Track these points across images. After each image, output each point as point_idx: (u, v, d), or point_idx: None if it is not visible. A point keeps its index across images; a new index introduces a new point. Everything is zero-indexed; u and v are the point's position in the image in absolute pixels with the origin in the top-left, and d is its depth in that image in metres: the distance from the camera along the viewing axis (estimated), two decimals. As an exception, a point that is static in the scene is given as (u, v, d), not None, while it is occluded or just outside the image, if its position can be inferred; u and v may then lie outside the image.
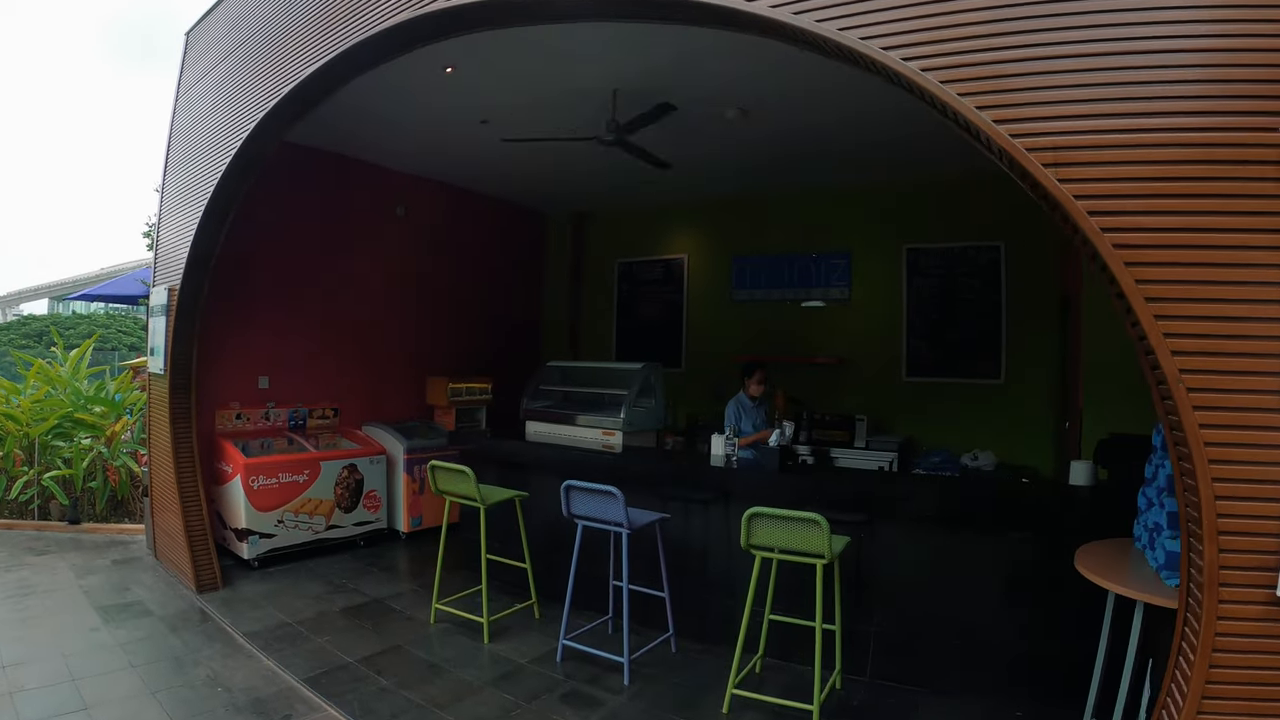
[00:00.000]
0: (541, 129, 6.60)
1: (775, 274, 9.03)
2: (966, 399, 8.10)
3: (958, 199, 8.16)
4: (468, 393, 8.61)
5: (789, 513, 4.02)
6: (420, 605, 5.97)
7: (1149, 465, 3.71)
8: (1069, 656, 4.18)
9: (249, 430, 7.17)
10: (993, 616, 4.55)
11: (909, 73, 2.92)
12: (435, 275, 8.87)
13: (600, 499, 4.79)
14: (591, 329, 10.30)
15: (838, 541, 4.10)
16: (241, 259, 6.78)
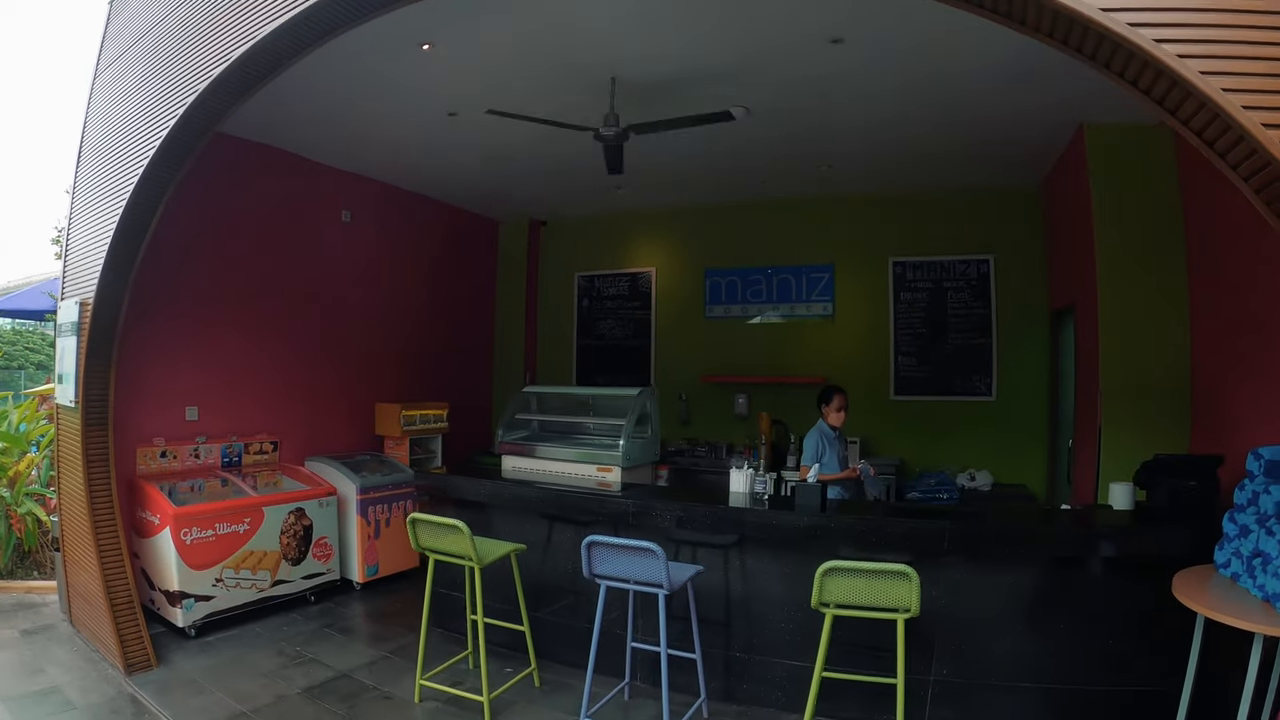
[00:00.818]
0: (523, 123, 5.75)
1: (752, 288, 8.40)
2: (957, 418, 7.70)
3: (945, 210, 7.79)
4: (422, 420, 7.58)
5: (875, 565, 3.50)
6: (397, 679, 4.97)
7: (1239, 490, 3.49)
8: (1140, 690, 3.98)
9: (176, 470, 5.97)
10: (1063, 653, 4.12)
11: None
12: (383, 289, 7.81)
13: (634, 558, 3.94)
14: (549, 348, 9.41)
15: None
16: (166, 269, 5.63)
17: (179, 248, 5.78)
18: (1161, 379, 5.66)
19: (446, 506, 5.67)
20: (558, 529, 5.27)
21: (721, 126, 5.41)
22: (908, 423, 7.80)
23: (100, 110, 5.65)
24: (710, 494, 6.11)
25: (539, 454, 6.13)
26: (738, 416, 8.28)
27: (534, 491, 5.38)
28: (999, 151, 6.67)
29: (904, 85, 5.43)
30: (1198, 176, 5.38)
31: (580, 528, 5.08)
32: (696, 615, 4.33)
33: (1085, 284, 6.22)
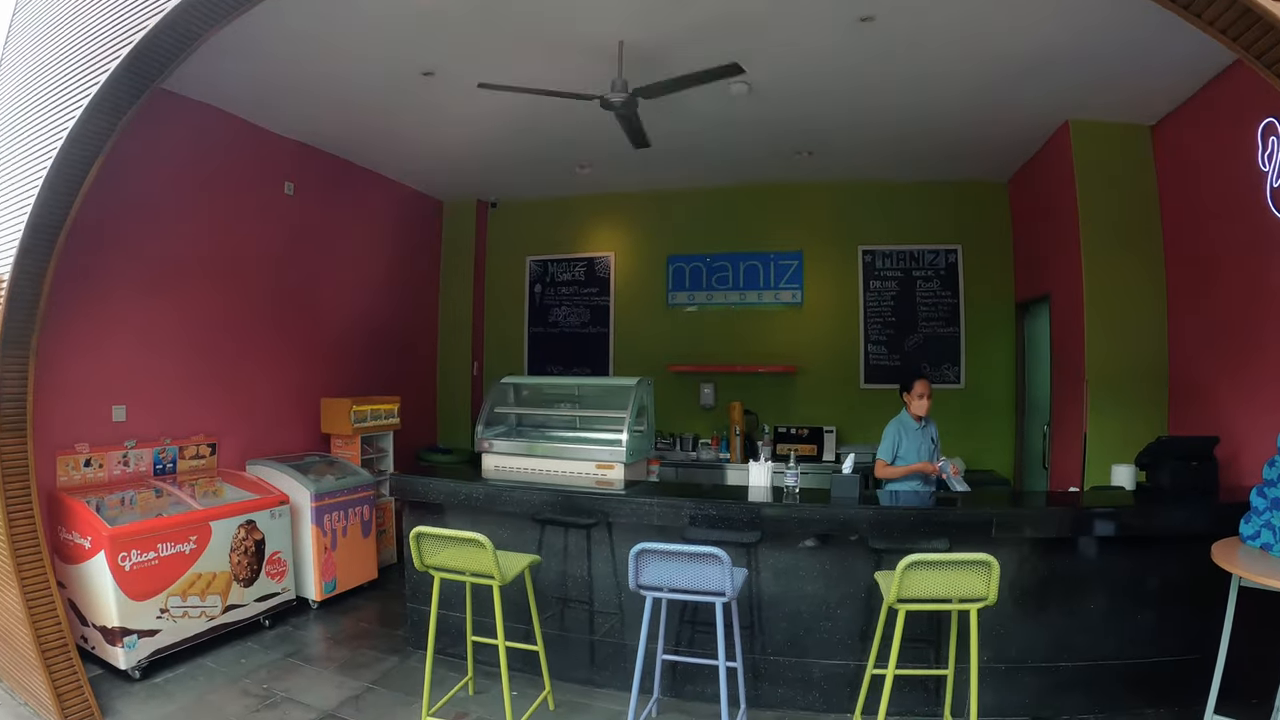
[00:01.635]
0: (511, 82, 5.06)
1: (718, 275, 7.95)
2: (925, 406, 7.49)
3: (914, 200, 7.64)
4: (373, 416, 6.73)
5: (957, 556, 3.29)
6: (392, 715, 4.24)
7: (1269, 467, 3.73)
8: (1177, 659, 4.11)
9: (102, 481, 4.95)
10: (1097, 629, 4.15)
11: None
12: (325, 271, 6.89)
13: (695, 565, 3.46)
14: (498, 337, 8.64)
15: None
16: (87, 243, 4.63)
17: (102, 218, 4.79)
18: (1141, 365, 5.75)
19: (421, 513, 4.99)
20: (558, 534, 4.70)
21: (708, 108, 5.08)
22: (878, 411, 7.51)
23: (21, 50, 4.59)
24: (719, 489, 5.66)
25: (531, 451, 5.46)
26: (703, 407, 7.82)
27: (541, 495, 4.69)
28: (977, 145, 6.60)
29: (902, 77, 5.26)
30: (1173, 171, 5.65)
31: (582, 532, 4.61)
32: (739, 622, 3.86)
33: (1065, 274, 6.21)
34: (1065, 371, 6.31)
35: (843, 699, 4.20)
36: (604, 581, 4.61)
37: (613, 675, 4.57)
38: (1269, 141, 4.28)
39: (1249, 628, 3.64)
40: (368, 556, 6.26)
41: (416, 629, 5.09)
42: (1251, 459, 4.63)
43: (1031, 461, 6.95)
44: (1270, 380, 4.54)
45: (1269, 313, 4.52)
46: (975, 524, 4.16)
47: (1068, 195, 6.01)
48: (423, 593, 5.01)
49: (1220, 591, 3.77)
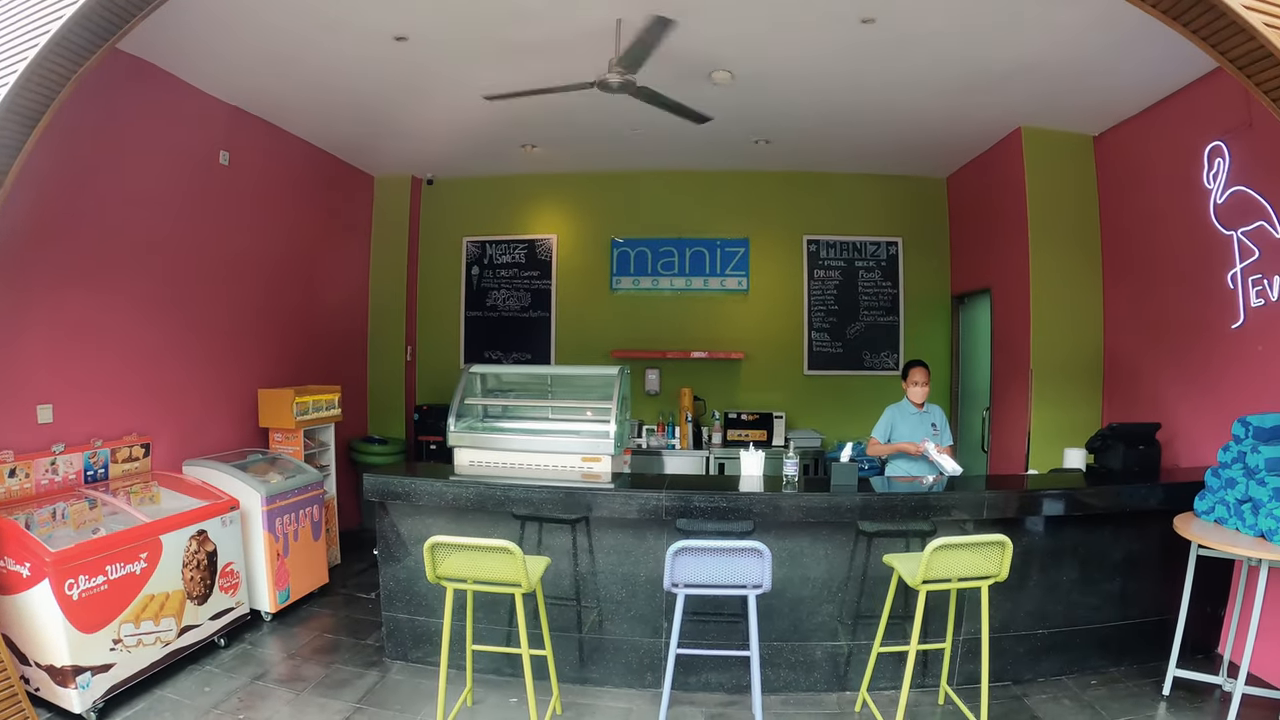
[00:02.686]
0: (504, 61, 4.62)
1: (664, 260, 7.71)
2: (866, 392, 7.62)
3: (859, 192, 7.72)
4: (314, 408, 6.10)
5: (979, 538, 3.40)
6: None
7: (1224, 451, 4.09)
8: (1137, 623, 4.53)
9: (29, 494, 4.18)
10: (1068, 599, 4.45)
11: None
12: (259, 250, 6.14)
13: (733, 560, 3.42)
14: (432, 320, 8.04)
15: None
16: (9, 214, 3.87)
17: (31, 188, 4.02)
18: (1080, 356, 6.12)
19: (405, 517, 4.57)
20: (538, 531, 4.42)
21: (681, 93, 4.83)
22: (821, 397, 7.60)
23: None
24: (711, 480, 5.56)
25: (510, 445, 5.12)
26: (649, 393, 7.60)
27: (539, 493, 4.35)
28: (928, 143, 6.72)
29: (885, 78, 5.29)
30: (1113, 179, 6.03)
31: (566, 527, 4.40)
32: (756, 609, 3.63)
33: (1009, 270, 6.48)
34: (1007, 361, 6.58)
35: (843, 678, 4.32)
36: (588, 577, 4.40)
37: (607, 672, 4.44)
38: (1214, 162, 4.79)
39: (1201, 592, 4.18)
40: (319, 560, 5.71)
41: (394, 639, 4.68)
42: (1186, 442, 5.14)
43: (970, 445, 7.16)
44: (1207, 373, 4.96)
45: (1208, 314, 4.91)
46: (967, 506, 4.32)
47: (1016, 196, 6.26)
48: (401, 599, 4.63)
49: (1175, 561, 4.32)
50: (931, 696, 4.19)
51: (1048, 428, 6.05)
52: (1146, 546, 4.51)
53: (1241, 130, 4.54)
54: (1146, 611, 4.51)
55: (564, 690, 4.21)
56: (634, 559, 4.35)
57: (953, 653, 4.09)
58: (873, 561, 4.26)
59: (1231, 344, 4.70)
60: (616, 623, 4.40)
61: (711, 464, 6.94)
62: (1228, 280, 4.68)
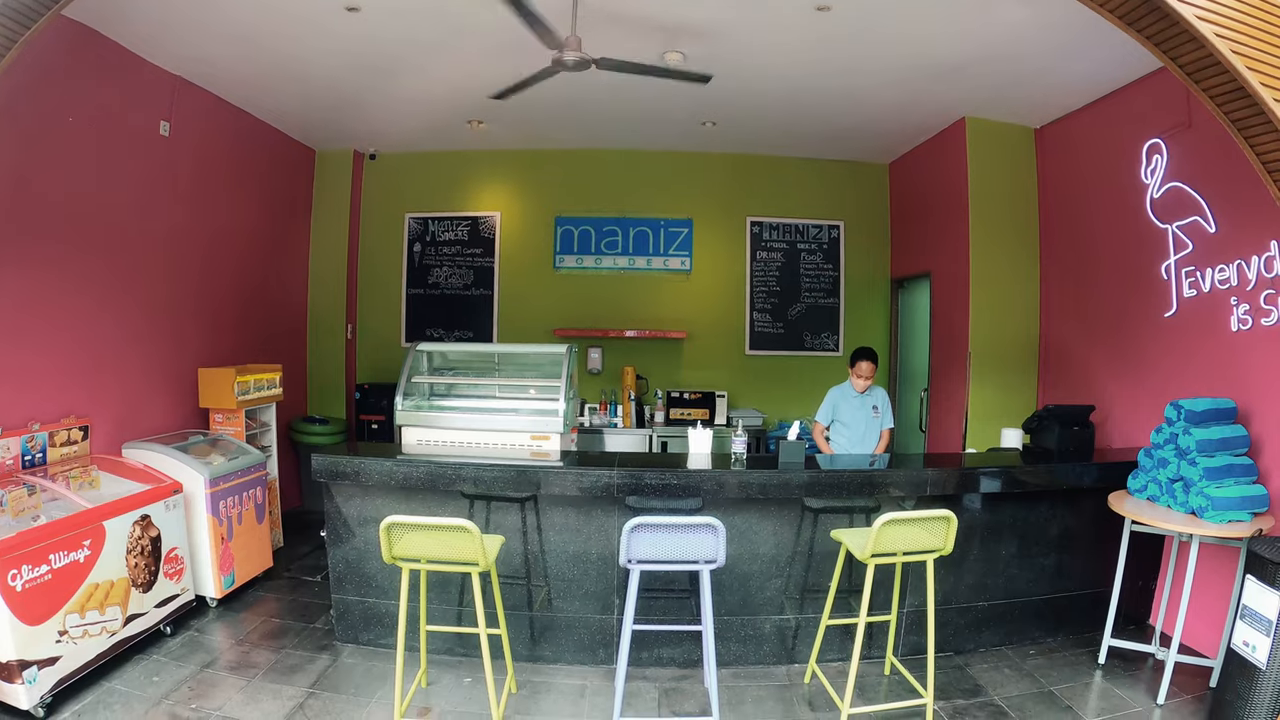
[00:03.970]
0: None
1: (607, 239, 7.66)
2: (806, 372, 7.78)
3: (802, 175, 7.80)
4: (255, 387, 5.87)
5: (925, 514, 3.50)
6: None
7: (1156, 432, 4.32)
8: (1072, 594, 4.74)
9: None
10: (1008, 572, 4.62)
11: None
12: (198, 224, 5.83)
13: (687, 535, 3.40)
14: (373, 298, 7.80)
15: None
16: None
17: None
18: (1017, 340, 6.34)
19: (336, 494, 4.47)
20: (485, 510, 4.40)
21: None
22: (762, 377, 7.71)
23: None
24: (658, 457, 5.61)
25: (457, 424, 5.05)
26: (591, 372, 7.57)
27: (492, 471, 4.26)
28: (872, 129, 6.80)
29: (840, 64, 5.33)
30: (1053, 170, 6.21)
31: (515, 505, 4.37)
32: (712, 587, 3.68)
33: (949, 255, 6.66)
34: (945, 344, 6.79)
35: (791, 651, 4.41)
36: (538, 556, 4.40)
37: (559, 649, 4.42)
38: (1152, 159, 4.97)
39: (1133, 567, 4.41)
40: (263, 544, 5.53)
41: (344, 621, 4.60)
42: (1118, 424, 5.36)
43: (908, 425, 7.37)
44: (1140, 359, 5.17)
45: (1142, 304, 5.11)
46: (911, 483, 4.44)
47: (957, 184, 6.41)
48: (351, 581, 4.55)
49: (1108, 536, 4.52)
50: (878, 667, 4.31)
51: (985, 409, 6.25)
52: (1081, 523, 4.71)
53: (1181, 130, 4.73)
54: (1081, 584, 4.71)
55: (518, 669, 4.22)
56: (584, 536, 4.37)
57: (898, 625, 4.19)
58: (819, 537, 4.35)
59: (1164, 332, 4.91)
60: (568, 600, 4.42)
61: (655, 442, 6.98)
62: (1161, 271, 4.88)
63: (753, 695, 4.08)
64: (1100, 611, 4.45)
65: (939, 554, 3.56)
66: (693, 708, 3.96)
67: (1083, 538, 4.72)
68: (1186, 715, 3.86)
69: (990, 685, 4.15)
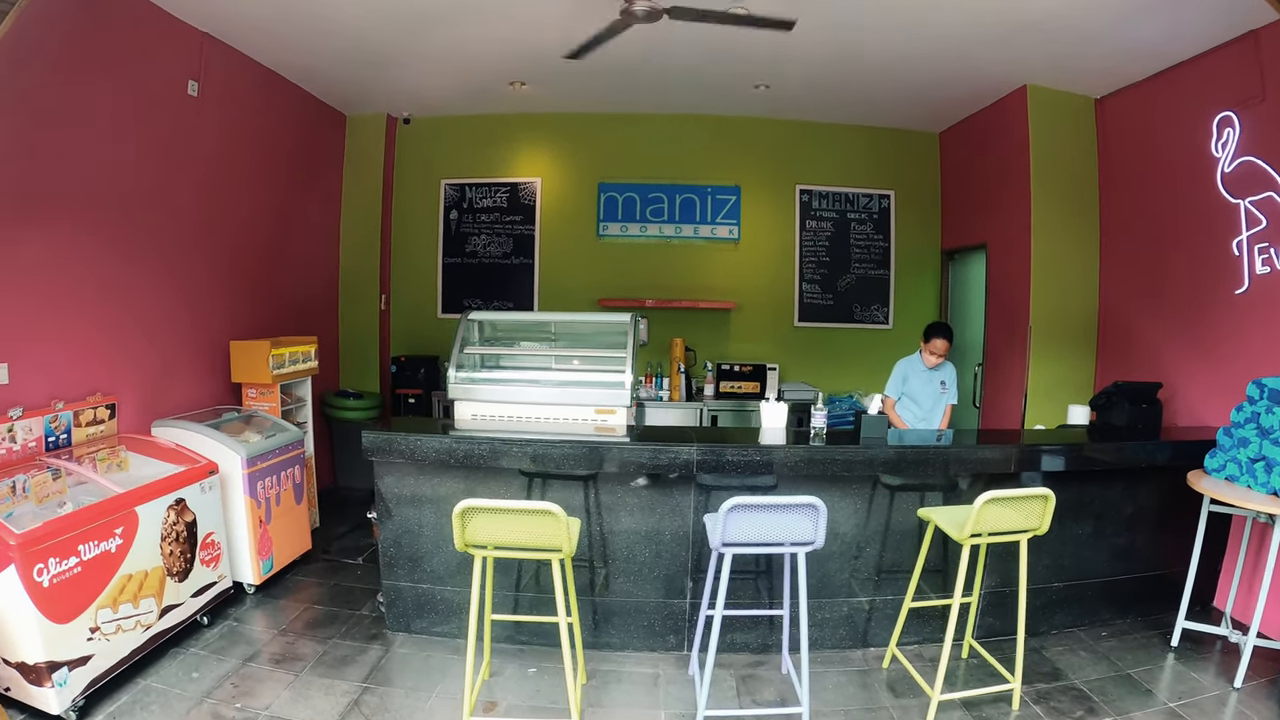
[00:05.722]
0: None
1: (653, 206, 7.17)
2: (855, 345, 7.37)
3: (850, 143, 7.30)
4: (290, 360, 5.46)
5: (1024, 492, 3.31)
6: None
7: (1237, 411, 4.07)
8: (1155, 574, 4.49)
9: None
10: (1083, 552, 4.35)
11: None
12: (228, 189, 5.37)
13: (787, 516, 3.06)
14: (408, 267, 7.33)
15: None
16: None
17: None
18: (1078, 315, 5.97)
19: (388, 473, 4.10)
20: (552, 489, 4.06)
21: (689, 32, 4.37)
22: (811, 349, 7.27)
23: None
24: (731, 432, 5.31)
25: (516, 398, 4.67)
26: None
27: (564, 449, 3.92)
28: (927, 94, 6.34)
29: (905, 22, 4.87)
30: (1114, 141, 5.85)
31: (578, 484, 4.04)
32: (805, 567, 3.33)
33: (1008, 227, 6.25)
34: (1003, 318, 6.38)
35: (867, 634, 4.15)
36: (599, 537, 4.08)
37: (627, 636, 4.11)
38: (1224, 132, 4.70)
39: (1207, 547, 4.16)
40: (302, 525, 5.16)
41: (395, 609, 4.26)
42: (1184, 402, 5.09)
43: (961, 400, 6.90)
44: (1209, 336, 4.94)
45: (1211, 279, 4.82)
46: (1001, 460, 4.13)
47: (1018, 154, 6.02)
48: (403, 566, 4.20)
49: (1176, 517, 4.36)
50: (954, 650, 3.98)
51: (1044, 385, 5.90)
52: (1152, 503, 4.45)
53: (1254, 103, 4.45)
54: (1150, 566, 4.47)
55: (584, 658, 3.89)
56: (657, 516, 4.05)
57: (977, 607, 4.00)
58: (895, 516, 4.09)
59: (1235, 309, 4.63)
60: (635, 583, 4.09)
61: (705, 416, 6.56)
62: (1233, 247, 4.62)
63: (832, 681, 3.81)
64: (1167, 593, 4.31)
65: (1034, 534, 3.37)
66: (772, 695, 3.68)
67: (1153, 518, 4.47)
68: (1263, 699, 3.67)
69: (1068, 669, 3.93)
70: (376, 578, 4.90)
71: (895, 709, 3.56)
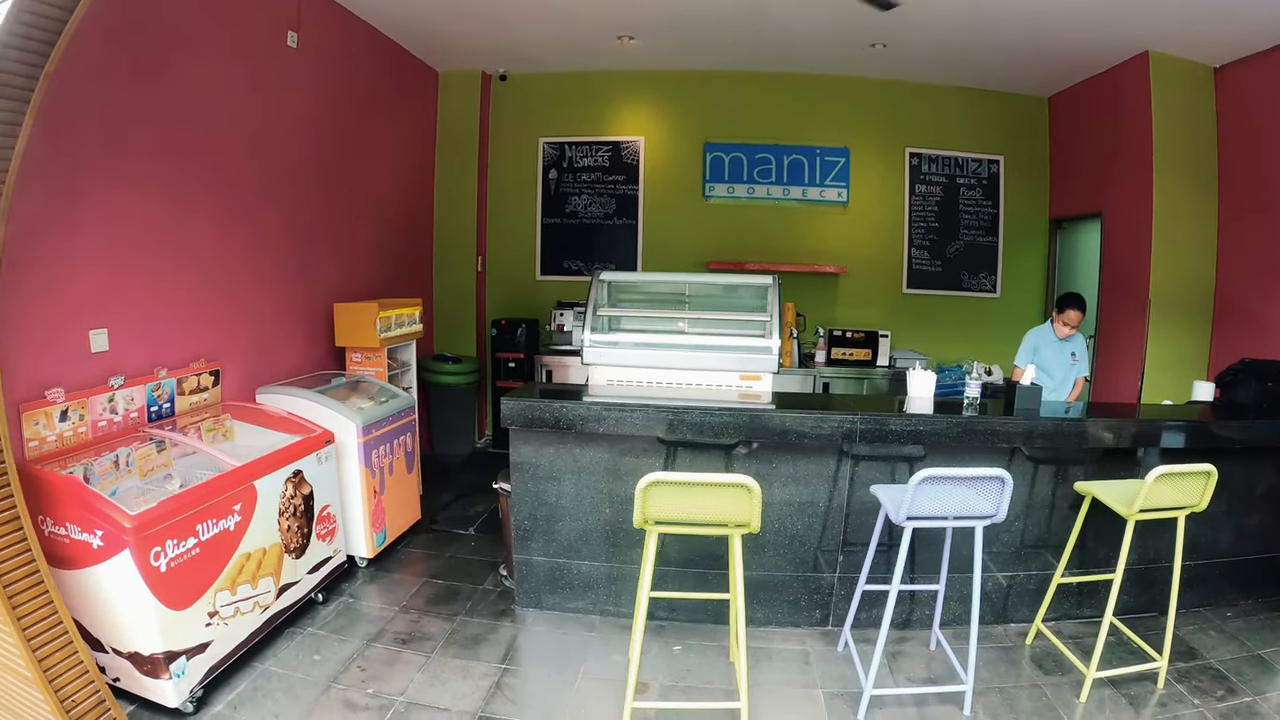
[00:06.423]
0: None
1: (760, 167, 6.45)
2: (962, 313, 6.64)
3: (959, 105, 6.51)
4: (396, 323, 4.94)
5: (1190, 468, 2.98)
6: (562, 705, 3.01)
7: None
8: None
9: (85, 440, 3.04)
10: (1224, 535, 3.91)
11: None
12: (326, 146, 4.80)
13: (973, 489, 2.77)
14: (504, 227, 6.72)
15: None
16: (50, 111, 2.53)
17: (72, 72, 2.74)
18: (1196, 288, 5.41)
19: (526, 442, 3.63)
20: (692, 459, 3.59)
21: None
22: (919, 317, 6.56)
23: None
24: (880, 400, 4.80)
25: (657, 362, 4.16)
26: (741, 309, 6.50)
27: (722, 417, 3.45)
28: (1041, 57, 5.64)
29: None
30: (1235, 112, 5.31)
31: (720, 453, 3.57)
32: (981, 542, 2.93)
33: (1126, 196, 5.63)
34: (1118, 289, 5.71)
35: (1003, 609, 3.76)
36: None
37: (771, 612, 3.68)
38: None
39: None
40: (412, 495, 4.67)
41: (526, 584, 3.78)
42: None
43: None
44: None
45: None
46: (1148, 435, 3.74)
47: (1139, 122, 5.40)
48: (538, 540, 3.72)
49: None
50: (1092, 628, 3.51)
51: (1162, 359, 5.28)
52: (1275, 483, 3.97)
53: None
54: (1269, 547, 4.03)
55: (725, 633, 3.50)
56: (809, 488, 3.57)
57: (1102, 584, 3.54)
58: (1038, 490, 3.67)
59: None
60: (784, 557, 3.62)
61: (817, 383, 5.91)
62: None
63: (980, 658, 3.34)
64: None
65: (1193, 510, 3.09)
66: (924, 672, 3.28)
67: (1275, 498, 3.97)
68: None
69: (1202, 648, 3.56)
70: (492, 549, 4.47)
71: (1047, 686, 3.18)
